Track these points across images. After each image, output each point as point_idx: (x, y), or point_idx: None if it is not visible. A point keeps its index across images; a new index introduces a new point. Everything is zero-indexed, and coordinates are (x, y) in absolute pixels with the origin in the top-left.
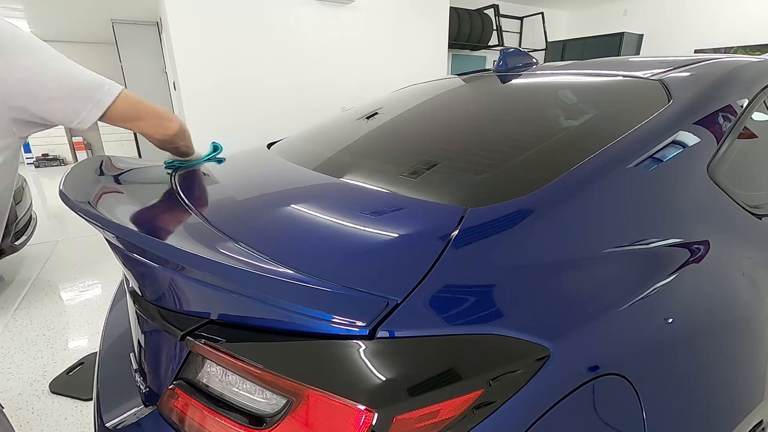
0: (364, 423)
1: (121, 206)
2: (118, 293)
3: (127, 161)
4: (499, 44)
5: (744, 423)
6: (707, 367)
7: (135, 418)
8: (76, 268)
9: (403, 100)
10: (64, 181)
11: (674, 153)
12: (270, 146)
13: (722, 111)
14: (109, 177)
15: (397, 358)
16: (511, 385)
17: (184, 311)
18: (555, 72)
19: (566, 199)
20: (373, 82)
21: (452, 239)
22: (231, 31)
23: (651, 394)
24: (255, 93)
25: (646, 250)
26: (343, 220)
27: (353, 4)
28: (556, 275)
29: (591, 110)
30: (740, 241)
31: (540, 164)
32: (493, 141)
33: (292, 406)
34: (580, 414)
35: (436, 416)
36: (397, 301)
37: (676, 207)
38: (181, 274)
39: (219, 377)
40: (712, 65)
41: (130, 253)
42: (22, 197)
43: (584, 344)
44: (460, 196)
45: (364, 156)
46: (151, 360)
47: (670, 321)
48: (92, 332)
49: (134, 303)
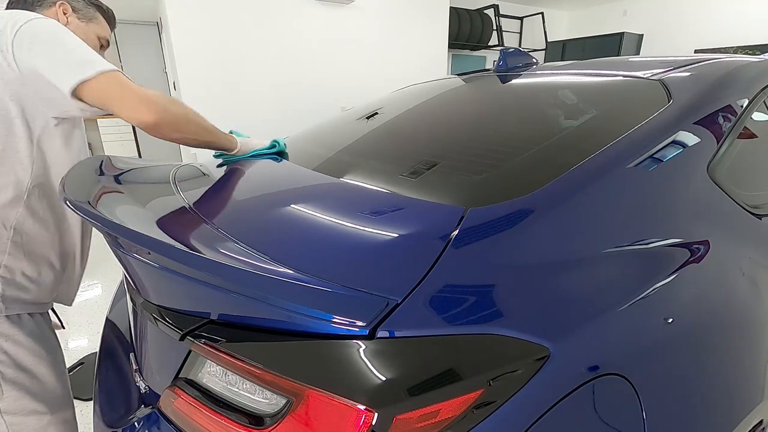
0: (364, 423)
1: (121, 206)
2: (118, 293)
3: (127, 161)
4: (499, 44)
5: (744, 423)
6: (707, 367)
7: (135, 418)
8: None
9: (403, 101)
10: (64, 182)
11: (674, 153)
12: None
13: (722, 111)
14: (109, 177)
15: (397, 358)
16: (511, 385)
17: (184, 311)
18: (555, 72)
19: (566, 199)
20: (373, 82)
21: (452, 239)
22: (231, 31)
23: (651, 394)
24: (255, 93)
25: (646, 250)
26: (343, 220)
27: (353, 4)
28: (556, 275)
29: (591, 110)
30: (740, 241)
31: (540, 164)
32: (493, 141)
33: (292, 406)
34: (580, 414)
35: (436, 416)
36: (397, 301)
37: (676, 207)
38: (181, 274)
39: (219, 377)
40: (712, 65)
41: (130, 253)
42: None
43: (584, 344)
44: (460, 196)
45: (364, 156)
46: (151, 360)
47: (670, 321)
48: (92, 332)
49: (134, 303)
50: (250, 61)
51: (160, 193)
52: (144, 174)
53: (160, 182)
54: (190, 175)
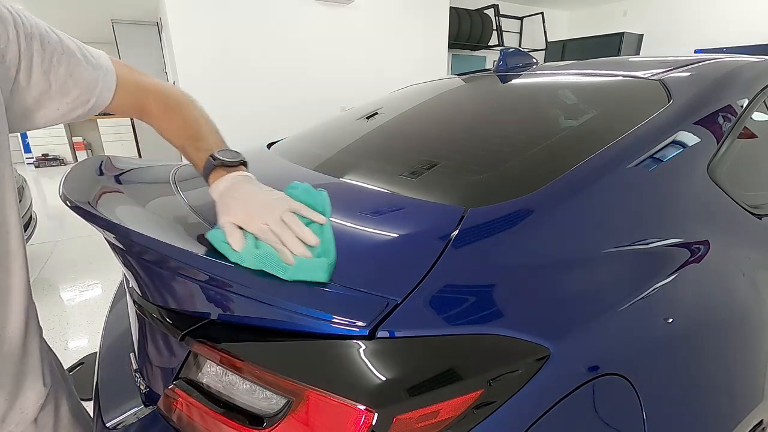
0: (364, 423)
1: (121, 206)
2: (118, 293)
3: (127, 161)
4: (499, 44)
5: (744, 423)
6: (707, 367)
7: (135, 418)
8: (76, 268)
9: (403, 100)
10: (64, 181)
11: (674, 153)
12: (270, 146)
13: (722, 111)
14: (109, 177)
15: (397, 358)
16: (511, 385)
17: (184, 311)
18: (555, 72)
19: (566, 199)
20: (373, 82)
21: (452, 239)
22: (231, 32)
23: (651, 394)
24: (255, 93)
25: (646, 250)
26: (343, 220)
27: (353, 4)
28: (556, 275)
29: (591, 110)
30: (740, 241)
31: (540, 164)
32: (493, 141)
33: (292, 406)
34: (580, 414)
35: (436, 416)
36: (397, 301)
37: (676, 207)
38: (181, 273)
39: (219, 377)
40: (712, 65)
41: (130, 253)
42: (22, 197)
43: (584, 344)
44: (460, 196)
45: (364, 156)
46: (151, 360)
47: (670, 321)
48: (92, 332)
49: (134, 303)
50: (250, 61)
51: (160, 193)
52: (144, 174)
53: (160, 182)
54: (190, 175)
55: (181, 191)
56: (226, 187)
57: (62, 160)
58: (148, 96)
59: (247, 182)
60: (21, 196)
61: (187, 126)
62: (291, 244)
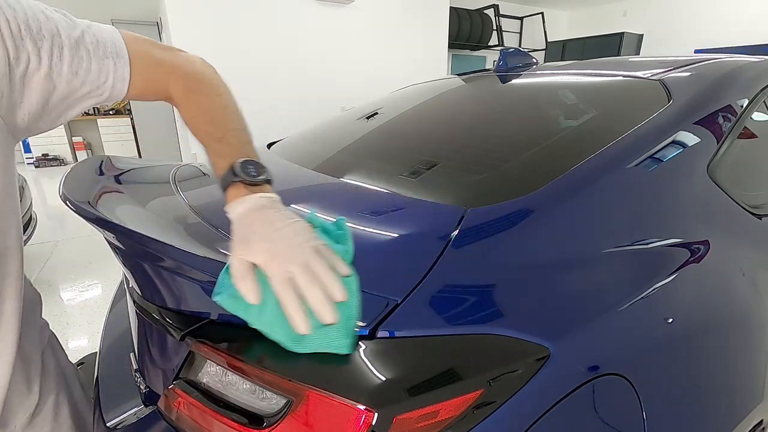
0: (364, 423)
1: (122, 206)
2: (118, 293)
3: (127, 161)
4: (499, 44)
5: (744, 423)
6: (707, 367)
7: (135, 418)
8: (76, 268)
9: (403, 100)
10: (64, 181)
11: (674, 153)
12: (270, 146)
13: (722, 111)
14: (109, 177)
15: (397, 358)
16: (511, 385)
17: (184, 311)
18: (555, 72)
19: (566, 199)
20: (373, 82)
21: (452, 239)
22: (231, 32)
23: (651, 394)
24: (255, 93)
25: (646, 250)
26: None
27: (353, 4)
28: (556, 275)
29: (591, 110)
30: (740, 241)
31: (540, 164)
32: (493, 141)
33: (292, 406)
34: (580, 414)
35: (436, 416)
36: (397, 301)
37: (676, 207)
38: (181, 273)
39: (219, 377)
40: (712, 65)
41: (130, 253)
42: (22, 197)
43: (584, 344)
44: (460, 196)
45: (364, 156)
46: (151, 360)
47: (670, 321)
48: (92, 332)
49: (134, 303)
50: (250, 61)
51: (160, 193)
52: (144, 174)
53: (160, 182)
54: (190, 175)
55: (181, 191)
56: (245, 211)
57: (62, 160)
58: (168, 78)
59: (271, 208)
60: (21, 196)
61: (210, 119)
62: (315, 301)
